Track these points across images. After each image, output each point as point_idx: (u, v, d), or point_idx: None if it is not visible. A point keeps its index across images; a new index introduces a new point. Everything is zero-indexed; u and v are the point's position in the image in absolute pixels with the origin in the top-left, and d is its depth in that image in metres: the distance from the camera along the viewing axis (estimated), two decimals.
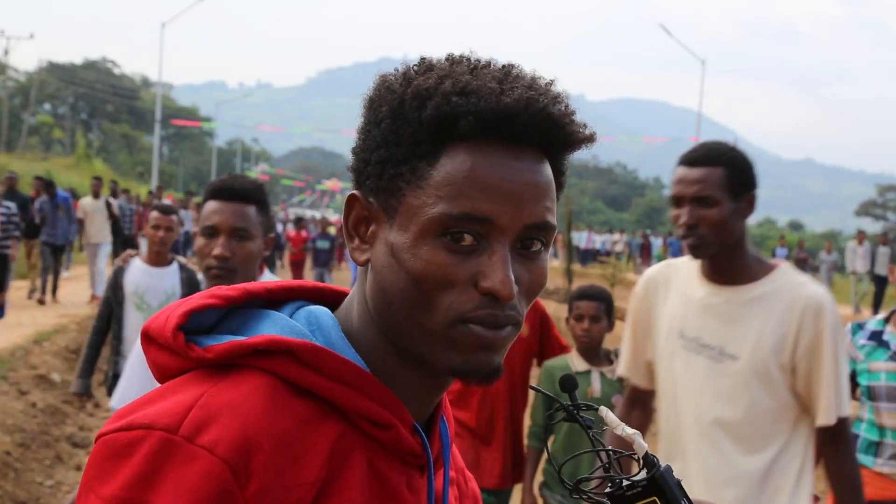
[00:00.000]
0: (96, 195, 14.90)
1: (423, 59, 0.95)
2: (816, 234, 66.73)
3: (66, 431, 7.07)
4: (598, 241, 38.99)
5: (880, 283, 19.23)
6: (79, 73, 67.37)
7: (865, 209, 65.81)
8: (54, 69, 64.28)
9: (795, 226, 65.93)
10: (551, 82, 0.93)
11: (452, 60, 0.94)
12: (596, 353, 3.86)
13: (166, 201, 18.63)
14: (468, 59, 0.94)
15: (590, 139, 0.93)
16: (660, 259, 32.15)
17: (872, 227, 67.24)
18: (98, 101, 67.69)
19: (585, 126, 0.93)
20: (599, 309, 3.81)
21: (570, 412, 0.96)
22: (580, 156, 0.96)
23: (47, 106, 64.18)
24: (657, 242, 35.82)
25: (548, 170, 0.92)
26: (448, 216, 0.87)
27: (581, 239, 38.15)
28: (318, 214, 48.35)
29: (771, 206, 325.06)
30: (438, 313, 0.89)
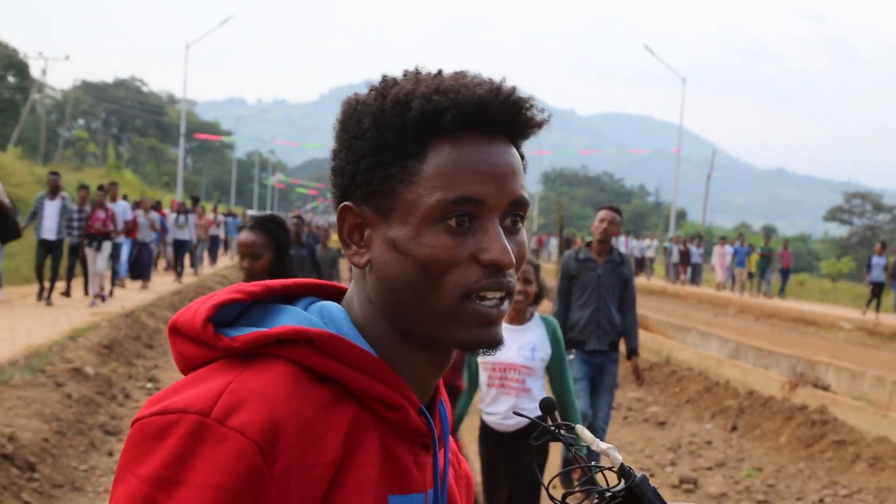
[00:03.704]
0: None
1: (384, 76, 0.96)
2: (788, 238, 66.55)
3: (99, 420, 7.07)
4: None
5: None
6: (110, 91, 67.38)
7: (833, 215, 65.62)
8: (88, 88, 64.31)
9: (769, 230, 65.87)
10: (503, 78, 0.96)
11: (415, 72, 0.96)
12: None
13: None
14: (425, 71, 0.96)
15: (546, 121, 0.96)
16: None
17: (839, 230, 67.10)
18: (128, 117, 67.65)
19: (543, 110, 0.96)
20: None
21: (552, 432, 0.97)
22: (571, 166, 0.98)
23: (81, 121, 64.16)
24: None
25: (516, 152, 0.95)
26: (445, 202, 0.89)
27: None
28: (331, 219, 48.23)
29: (746, 211, 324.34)
30: (446, 293, 0.90)
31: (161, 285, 17.29)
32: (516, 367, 4.01)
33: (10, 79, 45.65)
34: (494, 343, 0.93)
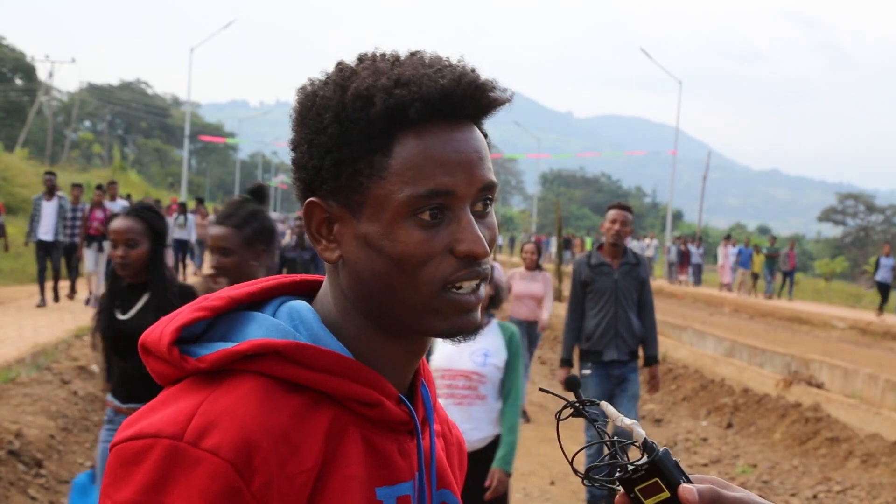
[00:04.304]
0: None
1: (340, 64, 0.92)
2: (782, 238, 66.47)
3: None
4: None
5: None
6: (115, 93, 67.34)
7: (826, 215, 65.53)
8: (93, 90, 64.27)
9: (763, 230, 65.70)
10: (461, 58, 0.93)
11: (372, 58, 0.92)
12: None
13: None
14: (381, 56, 0.92)
15: (509, 100, 0.93)
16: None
17: (832, 231, 67.07)
18: (133, 119, 67.68)
19: (505, 90, 0.93)
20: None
21: (576, 409, 0.96)
22: (570, 167, 0.96)
23: (87, 123, 64.16)
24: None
25: (481, 135, 0.93)
26: (416, 196, 0.87)
27: None
28: None
29: (741, 212, 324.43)
30: (423, 287, 0.88)
31: None
32: (467, 375, 3.73)
33: (18, 81, 45.67)
34: (473, 328, 0.92)
